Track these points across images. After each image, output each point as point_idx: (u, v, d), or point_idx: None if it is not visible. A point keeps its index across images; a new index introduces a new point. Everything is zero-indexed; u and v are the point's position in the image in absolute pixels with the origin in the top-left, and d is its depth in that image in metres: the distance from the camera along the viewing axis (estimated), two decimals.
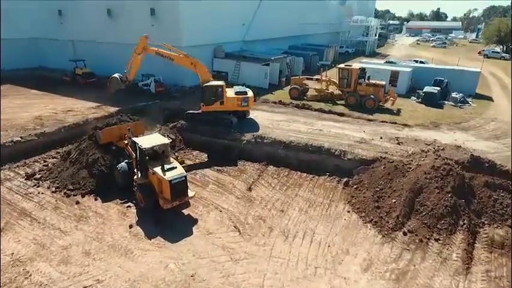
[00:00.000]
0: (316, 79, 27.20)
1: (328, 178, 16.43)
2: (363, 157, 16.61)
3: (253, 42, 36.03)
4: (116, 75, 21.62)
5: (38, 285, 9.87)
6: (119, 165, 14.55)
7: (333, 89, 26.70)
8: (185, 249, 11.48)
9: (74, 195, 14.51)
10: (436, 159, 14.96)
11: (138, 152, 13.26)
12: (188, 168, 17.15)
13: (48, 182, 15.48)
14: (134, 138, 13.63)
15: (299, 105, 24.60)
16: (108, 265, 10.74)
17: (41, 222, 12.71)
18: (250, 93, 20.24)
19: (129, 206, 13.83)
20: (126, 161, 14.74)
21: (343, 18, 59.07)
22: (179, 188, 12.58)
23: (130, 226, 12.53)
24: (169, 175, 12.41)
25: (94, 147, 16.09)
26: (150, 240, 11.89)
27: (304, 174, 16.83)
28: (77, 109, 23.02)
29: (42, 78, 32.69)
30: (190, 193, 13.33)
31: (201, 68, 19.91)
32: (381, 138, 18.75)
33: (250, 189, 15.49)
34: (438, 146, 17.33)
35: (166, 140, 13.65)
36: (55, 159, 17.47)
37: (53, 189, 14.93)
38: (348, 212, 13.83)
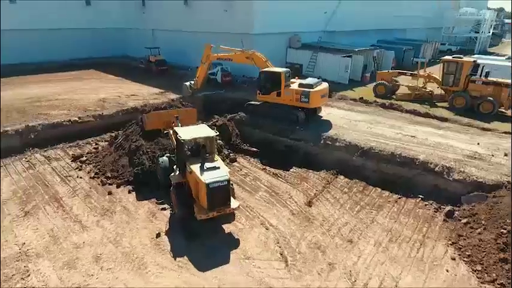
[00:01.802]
0: (411, 74, 21.96)
1: (422, 203, 11.90)
2: (479, 179, 11.64)
3: (335, 34, 31.81)
4: (187, 83, 21.17)
5: None
6: (161, 158, 12.31)
7: (432, 87, 21.21)
8: (211, 276, 8.59)
9: (109, 184, 12.94)
10: None
11: (177, 144, 10.89)
12: (239, 168, 14.43)
13: (91, 166, 14.31)
14: (176, 128, 11.28)
15: (385, 105, 19.90)
16: (114, 280, 8.46)
17: (65, 211, 11.24)
18: (319, 87, 16.52)
19: (163, 208, 11.49)
20: (168, 154, 12.47)
21: (446, 12, 50.09)
22: (219, 194, 9.54)
23: (158, 235, 10.04)
24: (207, 176, 9.47)
25: (139, 133, 14.46)
26: (172, 255, 9.32)
27: (386, 193, 12.58)
28: (140, 94, 22.31)
29: (123, 65, 33.91)
30: (234, 203, 10.13)
31: (258, 58, 17.54)
32: (506, 155, 13.28)
33: (310, 203, 11.95)
34: None
35: (212, 133, 10.89)
36: (106, 143, 16.44)
37: (92, 174, 13.63)
38: (453, 259, 9.29)
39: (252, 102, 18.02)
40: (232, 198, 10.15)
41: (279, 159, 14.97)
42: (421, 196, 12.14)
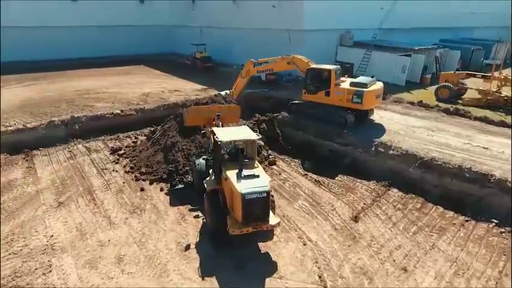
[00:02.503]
0: (483, 77, 19.13)
1: (497, 229, 9.80)
2: None
3: (392, 31, 29.18)
4: (223, 92, 20.10)
5: None
6: (197, 160, 11.25)
7: (508, 92, 18.26)
8: None
9: (142, 180, 12.52)
10: None
11: (214, 146, 9.80)
12: (278, 172, 13.28)
13: (127, 160, 14.11)
14: (214, 128, 10.29)
15: (449, 110, 17.45)
16: (133, 286, 7.77)
17: (97, 205, 10.95)
18: (374, 86, 14.82)
19: (196, 216, 10.43)
20: (205, 156, 11.30)
21: None
22: (256, 208, 8.17)
23: (187, 247, 8.98)
24: (244, 186, 8.14)
25: (176, 129, 13.95)
26: (198, 265, 8.43)
27: (450, 214, 10.62)
28: (183, 90, 22.16)
29: (170, 61, 34.52)
30: (273, 219, 8.64)
31: (300, 61, 16.10)
32: None
33: (356, 218, 10.42)
34: None
35: (254, 136, 9.47)
36: (145, 137, 16.24)
37: (128, 168, 13.37)
38: None
39: (296, 102, 16.75)
40: (271, 213, 8.69)
41: (322, 165, 13.57)
42: (495, 221, 10.02)
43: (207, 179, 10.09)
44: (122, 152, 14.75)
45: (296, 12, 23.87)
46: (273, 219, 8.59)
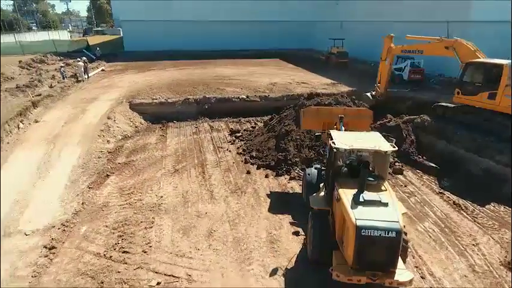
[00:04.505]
0: None
1: None
2: None
3: None
4: (368, 93, 18.06)
5: (144, 243, 8.05)
6: (308, 169, 9.40)
7: None
8: None
9: (251, 164, 12.34)
10: None
11: (329, 153, 7.53)
12: (403, 183, 10.95)
13: (242, 142, 14.31)
14: (332, 131, 8.04)
15: None
16: (214, 264, 7.40)
17: (205, 178, 11.32)
18: None
19: (296, 233, 8.43)
20: (318, 166, 9.43)
21: None
22: (378, 250, 5.68)
23: (273, 272, 7.17)
24: (362, 215, 5.80)
25: (293, 118, 13.32)
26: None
27: None
28: (311, 83, 21.42)
29: (305, 56, 34.60)
30: (404, 275, 5.87)
31: (464, 47, 12.72)
32: None
33: (511, 266, 7.34)
34: None
35: (387, 147, 6.75)
36: (263, 124, 16.25)
37: (240, 150, 13.49)
38: None
39: (444, 104, 13.56)
40: (401, 262, 6.03)
41: (469, 186, 10.41)
42: None
43: (315, 194, 7.98)
44: (239, 134, 15.10)
45: None
46: (402, 274, 5.84)
